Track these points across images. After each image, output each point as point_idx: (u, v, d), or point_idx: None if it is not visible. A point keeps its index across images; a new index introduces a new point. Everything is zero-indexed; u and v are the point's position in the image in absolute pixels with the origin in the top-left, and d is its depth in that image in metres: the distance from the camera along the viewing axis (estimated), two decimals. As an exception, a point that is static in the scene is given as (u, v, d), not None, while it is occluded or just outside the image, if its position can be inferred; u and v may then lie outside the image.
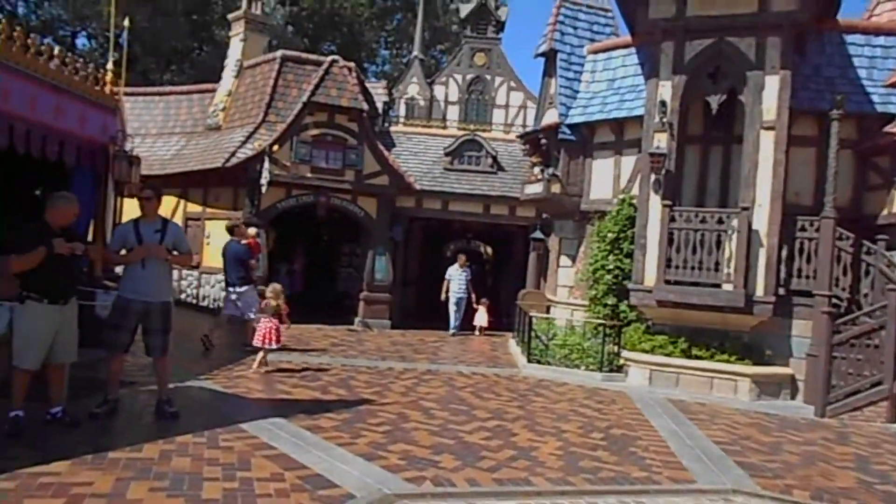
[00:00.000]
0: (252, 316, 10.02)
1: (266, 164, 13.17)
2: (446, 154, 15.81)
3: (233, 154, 13.81)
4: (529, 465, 5.44)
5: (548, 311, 13.25)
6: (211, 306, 14.74)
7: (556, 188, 12.29)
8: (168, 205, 16.00)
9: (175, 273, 15.92)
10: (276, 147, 13.45)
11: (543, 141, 12.72)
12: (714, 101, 9.70)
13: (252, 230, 11.09)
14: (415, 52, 20.83)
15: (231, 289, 10.28)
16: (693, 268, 9.53)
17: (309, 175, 13.99)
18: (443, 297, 14.21)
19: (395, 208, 15.03)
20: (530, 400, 8.22)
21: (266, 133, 14.23)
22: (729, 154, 10.31)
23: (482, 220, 16.08)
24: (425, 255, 21.37)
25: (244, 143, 14.02)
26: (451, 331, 14.04)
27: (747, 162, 9.41)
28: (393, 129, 17.08)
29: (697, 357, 9.53)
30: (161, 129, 17.71)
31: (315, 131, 14.04)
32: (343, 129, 14.25)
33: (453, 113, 19.72)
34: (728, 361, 9.32)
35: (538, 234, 14.85)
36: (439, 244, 28.60)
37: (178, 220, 15.94)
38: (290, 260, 16.89)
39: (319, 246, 18.71)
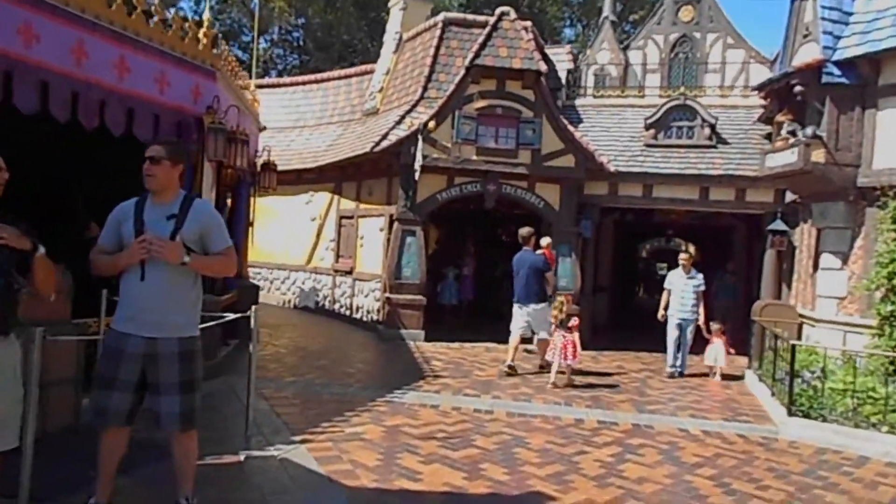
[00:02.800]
0: (545, 335, 8.86)
1: (419, 145, 10.65)
2: (648, 126, 12.39)
3: (384, 136, 11.46)
4: None
5: (799, 333, 9.45)
6: (365, 318, 12.55)
7: (818, 155, 8.50)
8: (322, 202, 14.20)
9: (328, 279, 14.05)
10: (431, 124, 10.89)
11: (797, 89, 8.92)
12: None
13: (546, 240, 9.95)
14: (605, 13, 17.41)
15: (526, 306, 8.92)
16: None
17: (474, 157, 11.28)
18: (660, 315, 9.57)
19: (582, 197, 11.90)
20: (821, 500, 4.77)
21: (425, 111, 11.73)
22: None
23: (696, 209, 12.43)
24: (618, 256, 17.91)
25: (398, 123, 11.63)
26: (670, 370, 9.39)
27: None
28: (579, 101, 13.93)
29: None
30: (319, 120, 16.05)
31: (481, 103, 11.30)
32: (516, 99, 11.38)
33: (653, 81, 16.09)
34: None
35: (779, 225, 10.98)
36: (634, 243, 24.81)
37: (331, 218, 14.06)
38: (458, 263, 14.32)
39: (493, 246, 15.98)
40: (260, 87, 17.76)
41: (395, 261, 11.29)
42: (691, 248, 31.18)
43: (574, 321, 8.55)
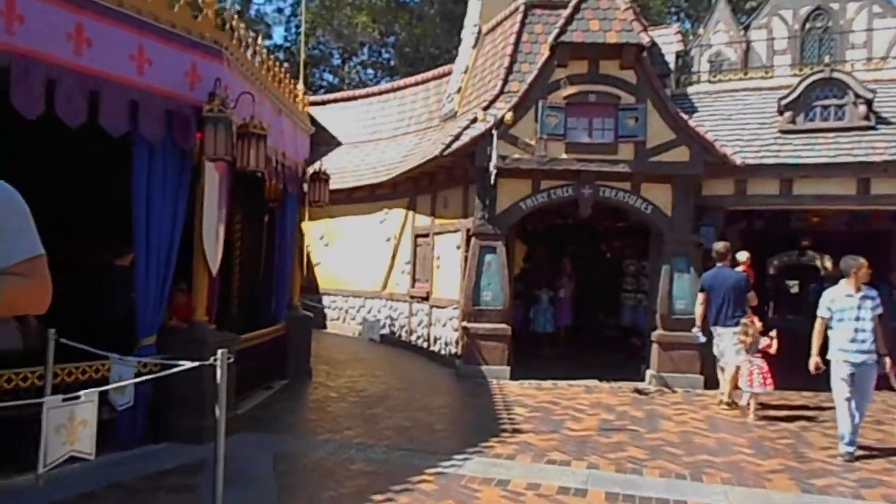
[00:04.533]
0: (736, 361, 7.73)
1: (494, 143, 8.85)
2: (783, 109, 9.99)
3: (455, 137, 9.74)
4: None
5: None
6: (443, 352, 10.77)
7: None
8: (397, 220, 12.67)
9: (404, 306, 12.41)
10: (509, 116, 9.06)
11: None
12: None
13: (744, 255, 8.69)
14: (718, -9, 15.09)
15: (723, 328, 7.90)
16: None
17: (564, 156, 9.33)
18: (812, 363, 6.10)
19: (700, 198, 9.65)
20: None
21: (504, 107, 9.91)
22: None
23: (855, 208, 9.87)
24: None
25: (473, 122, 9.88)
26: (846, 448, 5.93)
27: None
28: (692, 89, 11.68)
29: None
30: (395, 131, 14.60)
31: (570, 90, 9.36)
32: (613, 83, 9.36)
33: (781, 64, 13.59)
34: None
35: (973, 224, 8.38)
36: (763, 257, 21.76)
37: (406, 238, 12.46)
38: (552, 284, 12.31)
39: (594, 262, 13.86)
40: (335, 101, 16.68)
41: (473, 283, 9.46)
42: (826, 262, 27.50)
43: (764, 342, 7.51)
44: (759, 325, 7.68)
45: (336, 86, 29.11)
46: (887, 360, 5.89)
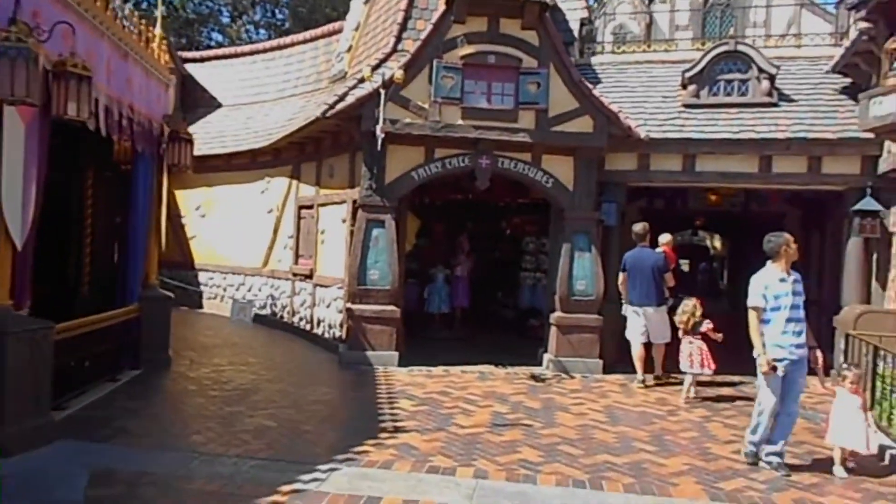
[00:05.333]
0: (662, 341, 8.04)
1: (381, 102, 7.94)
2: (686, 82, 9.58)
3: (341, 98, 8.73)
4: None
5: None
6: (326, 335, 9.83)
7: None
8: (280, 190, 11.56)
9: (286, 284, 11.30)
10: (399, 74, 8.11)
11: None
12: None
13: (666, 237, 8.58)
14: (623, -39, 14.65)
15: (643, 309, 7.99)
16: None
17: (460, 122, 8.52)
18: (764, 364, 4.95)
19: (603, 173, 9.11)
20: None
21: (397, 66, 8.98)
22: None
23: (757, 186, 9.62)
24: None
25: (360, 81, 8.90)
26: (750, 448, 5.22)
27: None
28: (595, 59, 11.13)
29: None
30: (281, 93, 13.39)
31: (468, 49, 8.53)
32: (514, 44, 8.60)
33: (683, 37, 13.31)
34: None
35: (870, 204, 8.25)
36: (656, 234, 21.88)
37: (289, 210, 11.39)
38: (448, 262, 11.57)
39: (493, 240, 13.26)
40: (215, 58, 15.22)
41: (359, 260, 8.54)
42: (716, 242, 28.27)
43: (707, 325, 7.42)
44: (696, 311, 7.56)
45: (225, 46, 27.16)
46: (818, 354, 5.19)
